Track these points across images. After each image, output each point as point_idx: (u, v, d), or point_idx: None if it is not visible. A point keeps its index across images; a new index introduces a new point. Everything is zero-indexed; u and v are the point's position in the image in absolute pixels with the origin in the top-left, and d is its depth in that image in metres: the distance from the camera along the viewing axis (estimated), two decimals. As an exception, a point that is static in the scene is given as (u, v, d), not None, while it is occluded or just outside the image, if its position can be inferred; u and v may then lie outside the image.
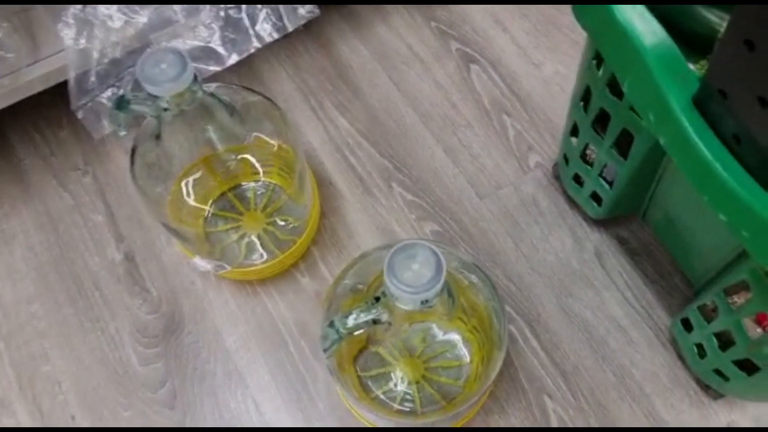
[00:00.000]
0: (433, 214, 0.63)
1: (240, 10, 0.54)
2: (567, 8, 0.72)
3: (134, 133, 0.50)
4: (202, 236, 0.57)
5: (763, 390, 0.47)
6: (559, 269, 0.60)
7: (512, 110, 0.67)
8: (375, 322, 0.38)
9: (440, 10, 0.73)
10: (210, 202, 0.58)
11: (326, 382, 0.56)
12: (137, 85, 0.50)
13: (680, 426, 0.53)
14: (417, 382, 0.51)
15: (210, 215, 0.58)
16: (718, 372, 0.49)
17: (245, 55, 0.56)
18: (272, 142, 0.52)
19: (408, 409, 0.50)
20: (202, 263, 0.54)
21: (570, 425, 0.54)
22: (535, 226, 0.62)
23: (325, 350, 0.40)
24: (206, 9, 0.53)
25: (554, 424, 0.54)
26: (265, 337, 0.58)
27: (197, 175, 0.52)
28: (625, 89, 0.38)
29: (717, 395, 0.53)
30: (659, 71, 0.35)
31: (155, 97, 0.42)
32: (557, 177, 0.63)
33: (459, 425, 0.53)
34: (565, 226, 0.62)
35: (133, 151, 0.49)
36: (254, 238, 0.59)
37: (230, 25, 0.54)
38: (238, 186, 0.59)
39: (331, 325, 0.38)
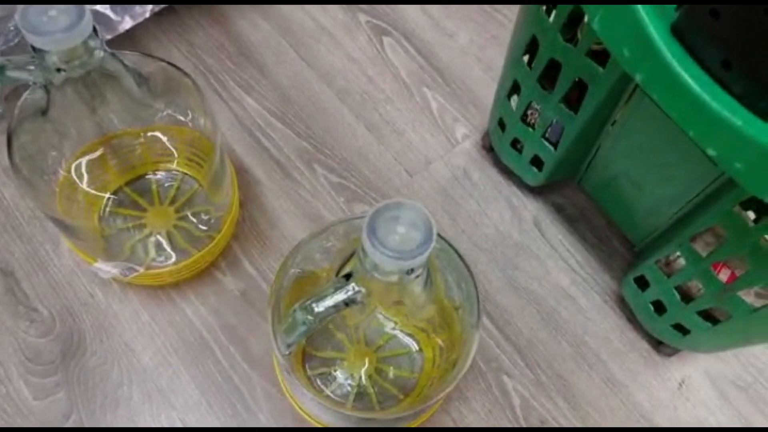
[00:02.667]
0: (362, 195, 0.58)
1: (130, -32, 0.46)
2: (474, -22, 0.70)
3: (9, 112, 0.40)
4: (98, 234, 0.48)
5: (726, 338, 0.46)
6: (500, 242, 0.57)
7: (432, 83, 0.64)
8: (347, 303, 0.33)
9: (344, -19, 0.69)
10: (107, 196, 0.49)
11: (265, 390, 0.49)
12: (14, 48, 0.40)
13: (638, 386, 0.52)
14: (369, 376, 0.46)
15: (107, 213, 0.49)
16: (677, 327, 0.48)
17: (141, 19, 0.47)
18: (186, 121, 0.45)
19: (365, 406, 0.45)
20: (106, 268, 0.45)
21: (531, 401, 0.51)
22: (470, 199, 0.58)
23: (289, 345, 0.33)
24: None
25: (516, 402, 0.51)
26: (188, 348, 0.50)
27: (93, 155, 0.43)
28: (595, 25, 0.35)
29: (671, 352, 0.53)
30: (638, -1, 0.33)
31: (42, 57, 0.33)
32: (488, 148, 0.60)
33: (425, 418, 0.48)
34: (500, 197, 0.59)
35: (10, 136, 0.40)
36: (161, 237, 0.51)
37: (119, -16, 0.45)
38: (139, 178, 0.51)
39: (303, 310, 0.31)
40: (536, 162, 0.54)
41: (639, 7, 0.33)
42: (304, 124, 0.60)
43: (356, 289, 0.32)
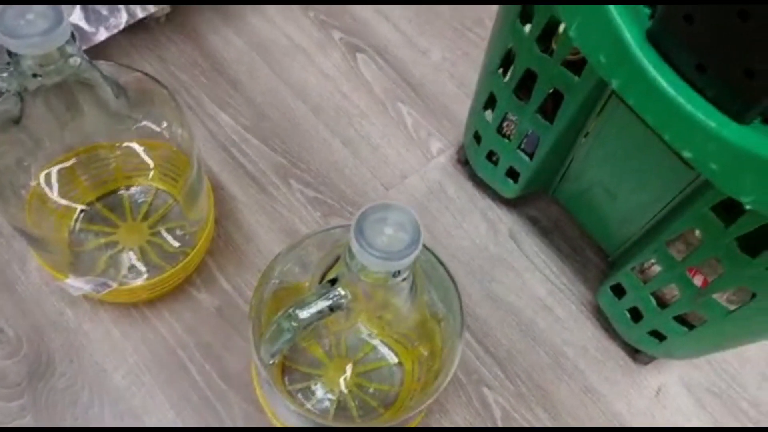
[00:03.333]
0: (338, 209, 0.57)
1: (104, -20, 0.45)
2: (445, -3, 0.71)
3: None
4: (69, 249, 0.47)
5: (701, 342, 0.47)
6: (477, 254, 0.57)
7: (406, 98, 0.64)
8: (332, 309, 0.32)
9: (316, -1, 0.69)
10: (78, 209, 0.48)
11: (242, 408, 0.47)
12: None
13: (616, 394, 0.52)
14: (350, 390, 0.45)
15: (77, 228, 0.48)
16: (654, 333, 0.49)
17: (115, 31, 0.47)
18: (162, 131, 0.44)
19: (346, 419, 0.44)
20: (78, 284, 0.44)
21: (512, 413, 0.51)
22: (446, 212, 0.59)
23: (273, 354, 0.32)
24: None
25: (497, 414, 0.50)
26: (162, 367, 0.48)
27: (65, 165, 0.41)
28: (572, 32, 0.36)
29: (647, 360, 0.53)
30: (614, 6, 0.34)
31: (17, 62, 0.33)
32: (462, 162, 0.60)
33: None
34: (476, 210, 0.59)
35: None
36: (134, 253, 0.49)
37: (93, -4, 0.45)
38: (111, 193, 0.50)
39: (287, 317, 0.31)
40: (512, 174, 0.54)
41: (615, 13, 0.34)
42: (280, 140, 0.60)
43: (342, 293, 0.32)
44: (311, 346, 0.45)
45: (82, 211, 0.48)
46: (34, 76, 0.33)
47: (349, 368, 0.44)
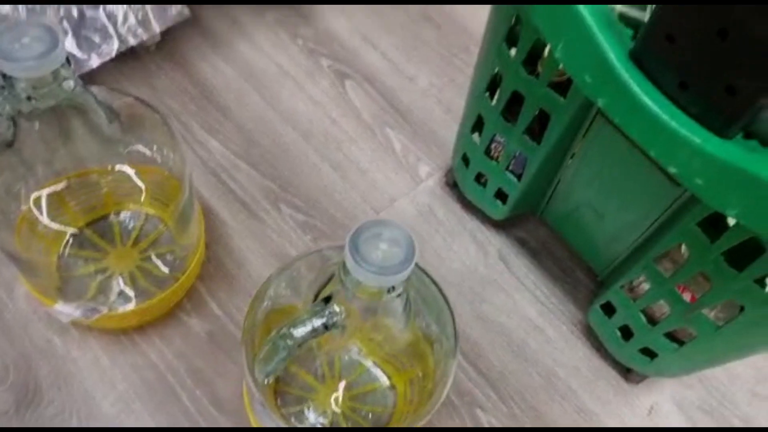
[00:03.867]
0: (329, 234, 0.57)
1: (96, 8, 0.46)
2: (431, 24, 0.73)
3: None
4: (57, 274, 0.46)
5: (692, 358, 0.47)
6: (467, 276, 0.57)
7: (394, 123, 0.65)
8: (327, 327, 0.32)
9: (304, 27, 0.70)
10: (68, 233, 0.47)
11: (234, 435, 0.47)
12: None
13: (609, 414, 0.52)
14: (342, 413, 0.45)
15: (66, 254, 0.48)
16: (644, 351, 0.49)
17: (107, 58, 0.47)
18: (154, 156, 0.44)
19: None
20: (68, 310, 0.43)
21: (507, 436, 0.50)
22: (436, 235, 0.59)
23: (268, 374, 0.32)
24: (51, 7, 0.45)
25: (491, 437, 0.50)
26: (152, 394, 0.48)
27: (55, 188, 0.41)
28: (558, 53, 0.37)
29: (638, 379, 0.53)
30: (597, 28, 0.35)
31: (11, 85, 0.33)
32: (451, 184, 0.61)
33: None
34: (465, 232, 0.60)
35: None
36: (123, 278, 0.49)
37: (86, 24, 0.45)
38: (101, 219, 0.50)
39: (282, 336, 0.31)
40: (500, 195, 0.55)
41: (599, 34, 0.35)
42: (269, 165, 0.60)
43: (336, 310, 0.32)
44: (301, 371, 0.45)
45: (71, 236, 0.48)
46: (29, 99, 0.33)
47: (341, 387, 0.44)
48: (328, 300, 0.32)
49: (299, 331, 0.32)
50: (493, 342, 0.54)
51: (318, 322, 0.32)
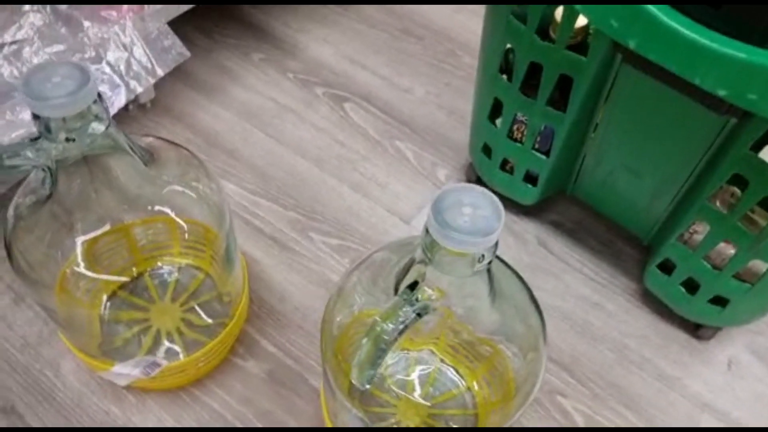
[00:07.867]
0: (365, 252, 0.56)
1: (99, 61, 0.45)
2: (413, 37, 0.73)
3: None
4: (99, 335, 0.44)
5: (766, 297, 0.46)
6: (514, 267, 0.56)
7: (402, 135, 0.64)
8: (420, 314, 0.30)
9: (291, 61, 0.70)
10: (104, 298, 0.45)
11: (318, 473, 0.44)
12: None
13: (690, 375, 0.51)
14: (429, 425, 0.42)
15: (107, 317, 0.46)
16: (715, 300, 0.48)
17: (117, 109, 0.46)
18: (193, 194, 0.42)
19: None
20: (125, 370, 0.41)
21: (594, 416, 0.48)
22: (471, 233, 0.58)
23: (370, 378, 0.30)
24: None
25: (579, 420, 0.48)
26: (224, 446, 0.45)
27: (100, 235, 0.40)
28: (579, 7, 0.37)
29: (710, 334, 0.52)
30: (618, -32, 0.35)
31: (47, 128, 0.31)
32: (473, 181, 0.60)
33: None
34: (499, 225, 0.58)
35: (9, 244, 0.37)
36: (167, 338, 0.47)
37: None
38: (135, 278, 0.48)
39: (375, 336, 0.29)
40: (529, 178, 0.54)
41: (621, -25, 0.35)
42: (289, 197, 0.59)
43: (428, 292, 0.30)
44: (376, 390, 0.43)
45: (108, 299, 0.46)
46: (67, 140, 0.31)
47: (418, 396, 0.42)
48: (413, 287, 0.31)
49: (392, 323, 0.30)
50: (556, 327, 0.53)
51: (409, 310, 0.30)
